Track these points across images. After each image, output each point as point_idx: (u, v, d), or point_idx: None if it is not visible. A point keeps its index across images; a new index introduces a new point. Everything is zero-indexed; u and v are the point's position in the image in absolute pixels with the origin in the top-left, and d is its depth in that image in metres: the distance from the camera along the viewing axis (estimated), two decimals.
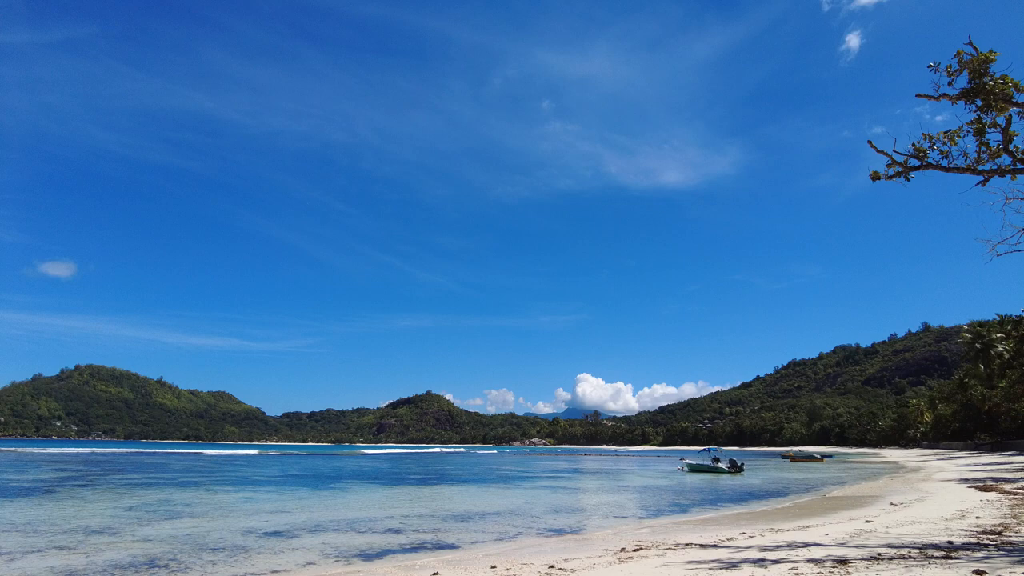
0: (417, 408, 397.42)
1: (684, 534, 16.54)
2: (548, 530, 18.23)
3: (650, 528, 18.64)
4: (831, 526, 16.58)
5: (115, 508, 22.68)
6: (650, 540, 15.22)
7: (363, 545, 15.13)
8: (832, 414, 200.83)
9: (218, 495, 29.31)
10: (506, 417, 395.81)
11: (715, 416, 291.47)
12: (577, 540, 16.15)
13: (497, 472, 56.19)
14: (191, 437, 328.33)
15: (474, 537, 16.71)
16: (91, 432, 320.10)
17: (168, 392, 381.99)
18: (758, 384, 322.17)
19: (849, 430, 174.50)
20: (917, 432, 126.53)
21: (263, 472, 51.47)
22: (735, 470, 54.49)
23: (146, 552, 13.81)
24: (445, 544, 15.53)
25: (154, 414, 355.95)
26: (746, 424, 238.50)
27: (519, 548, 14.88)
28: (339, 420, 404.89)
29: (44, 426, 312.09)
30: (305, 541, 15.61)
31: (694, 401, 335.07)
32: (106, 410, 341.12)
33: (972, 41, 13.72)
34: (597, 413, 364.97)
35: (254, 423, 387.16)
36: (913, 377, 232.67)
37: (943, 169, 15.26)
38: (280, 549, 14.44)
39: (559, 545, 15.26)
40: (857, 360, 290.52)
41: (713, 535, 15.75)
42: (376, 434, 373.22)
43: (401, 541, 15.83)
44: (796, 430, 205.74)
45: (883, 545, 12.14)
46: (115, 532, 16.69)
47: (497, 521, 20.10)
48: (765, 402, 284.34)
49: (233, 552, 13.93)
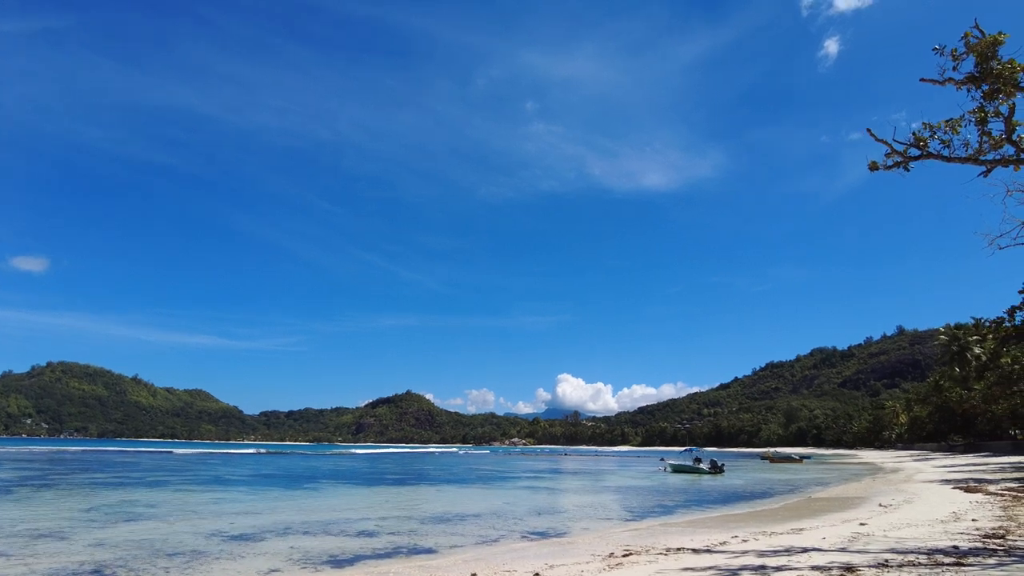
0: (397, 408, 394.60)
1: (673, 537, 15.80)
2: (531, 533, 17.38)
3: (637, 531, 17.87)
4: (825, 529, 15.94)
5: (71, 510, 21.41)
6: (639, 544, 14.44)
7: (333, 550, 14.15)
8: (809, 416, 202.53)
9: (186, 495, 28.08)
10: (486, 417, 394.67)
11: (693, 417, 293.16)
12: (562, 544, 15.32)
13: (477, 472, 55.26)
14: (166, 436, 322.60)
15: (453, 541, 15.79)
16: (63, 430, 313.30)
17: (143, 390, 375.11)
18: (736, 385, 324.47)
19: (826, 431, 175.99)
20: (892, 434, 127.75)
21: (236, 471, 50.02)
22: (716, 471, 54.14)
23: (94, 559, 12.71)
24: (422, 548, 14.61)
25: (129, 412, 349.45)
26: (724, 425, 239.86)
27: (501, 553, 14.02)
28: (318, 419, 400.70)
29: (13, 424, 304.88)
30: (271, 545, 14.60)
31: (673, 402, 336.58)
32: (79, 408, 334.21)
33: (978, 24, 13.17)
34: (577, 413, 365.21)
35: (231, 422, 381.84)
36: (888, 380, 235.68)
37: (944, 159, 14.62)
38: (242, 554, 13.41)
39: (543, 550, 14.42)
40: (833, 363, 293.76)
41: (704, 539, 15.02)
42: (355, 434, 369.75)
43: (375, 545, 14.88)
44: (773, 431, 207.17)
45: (887, 550, 11.46)
46: (65, 537, 15.52)
47: (477, 523, 19.20)
48: (743, 403, 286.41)
49: (190, 558, 12.88)
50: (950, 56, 13.47)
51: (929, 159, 14.87)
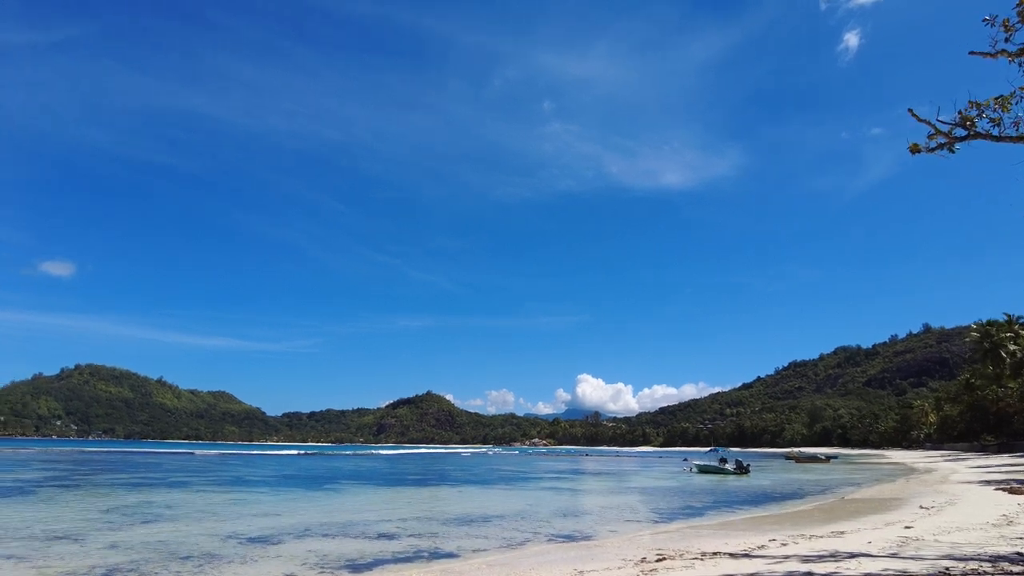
0: (417, 408, 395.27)
1: (706, 541, 15.06)
2: (557, 536, 16.71)
3: (667, 534, 17.13)
4: (868, 532, 15.08)
5: (90, 511, 21.16)
6: (672, 548, 13.73)
7: (352, 553, 13.61)
8: (833, 415, 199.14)
9: (206, 496, 27.81)
10: (506, 418, 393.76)
11: (716, 417, 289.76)
12: (590, 547, 14.64)
13: (499, 473, 54.67)
14: (191, 437, 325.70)
15: (476, 544, 15.18)
16: (91, 432, 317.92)
17: (168, 392, 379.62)
18: (759, 385, 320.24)
19: (851, 431, 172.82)
20: (921, 433, 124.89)
21: (257, 472, 49.94)
22: (741, 471, 53.04)
23: (106, 562, 12.30)
24: (443, 552, 14.02)
25: (154, 414, 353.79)
26: (747, 425, 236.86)
27: (526, 557, 13.38)
28: (339, 420, 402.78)
29: (44, 425, 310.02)
30: (288, 548, 14.10)
31: (695, 402, 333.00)
32: (106, 409, 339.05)
33: None
34: (597, 414, 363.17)
35: (254, 423, 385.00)
36: (914, 378, 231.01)
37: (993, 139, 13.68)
38: (257, 557, 12.92)
39: (570, 553, 13.76)
40: (858, 361, 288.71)
41: (740, 542, 14.26)
42: (376, 434, 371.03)
43: (395, 548, 14.32)
44: (797, 431, 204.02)
45: (943, 557, 10.66)
46: (80, 539, 15.17)
47: (501, 525, 18.57)
48: (766, 403, 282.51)
49: (204, 561, 12.42)
50: (1002, 27, 12.62)
51: (976, 139, 13.95)
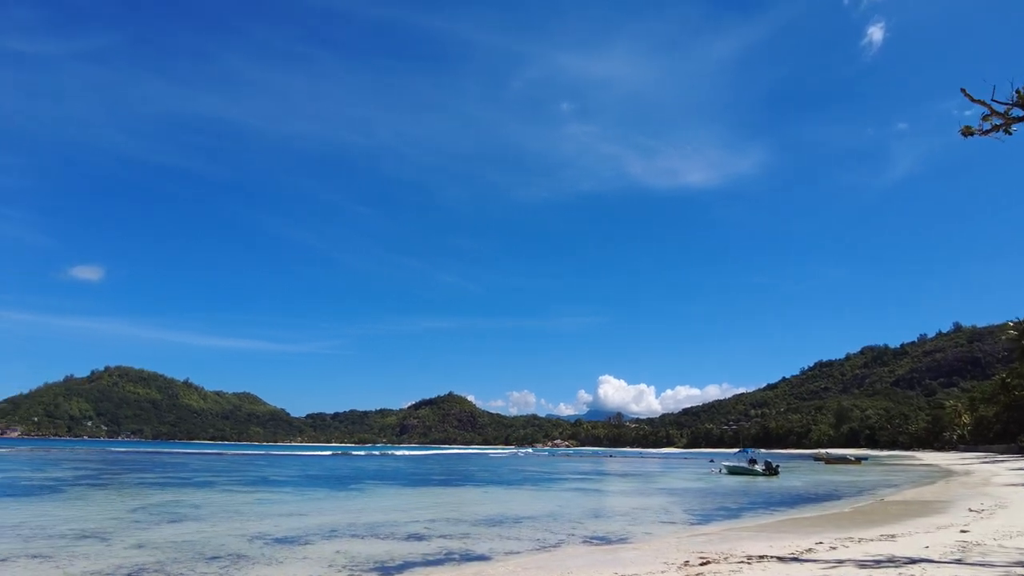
0: (439, 409, 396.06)
1: (747, 543, 14.40)
2: (591, 538, 16.14)
3: (706, 536, 16.48)
4: (922, 536, 14.30)
5: (117, 510, 21.05)
6: (713, 551, 13.10)
7: (381, 555, 13.18)
8: (860, 416, 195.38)
9: (231, 496, 27.67)
10: (528, 419, 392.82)
11: (740, 418, 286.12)
12: (628, 550, 14.05)
13: (523, 473, 54.14)
14: (216, 438, 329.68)
15: (508, 546, 14.67)
16: (120, 432, 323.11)
17: (194, 393, 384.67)
18: (784, 386, 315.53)
19: (880, 432, 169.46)
20: (953, 435, 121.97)
21: (282, 472, 49.97)
22: (770, 472, 52.08)
23: (132, 562, 12.00)
24: (475, 555, 13.53)
25: (181, 415, 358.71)
26: (772, 426, 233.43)
27: (561, 559, 12.84)
28: (362, 421, 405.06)
29: (76, 426, 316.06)
30: (316, 549, 13.71)
31: (718, 403, 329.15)
32: (134, 411, 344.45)
33: None
34: (620, 415, 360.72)
35: (279, 424, 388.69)
36: (945, 378, 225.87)
37: None
38: (284, 558, 12.55)
39: (607, 556, 13.19)
40: (885, 361, 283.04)
41: (786, 545, 13.59)
42: (399, 435, 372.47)
43: (425, 550, 13.86)
44: (824, 432, 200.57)
45: (1014, 563, 9.94)
46: (107, 537, 14.94)
47: (532, 527, 18.04)
48: (791, 404, 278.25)
49: (231, 562, 12.07)
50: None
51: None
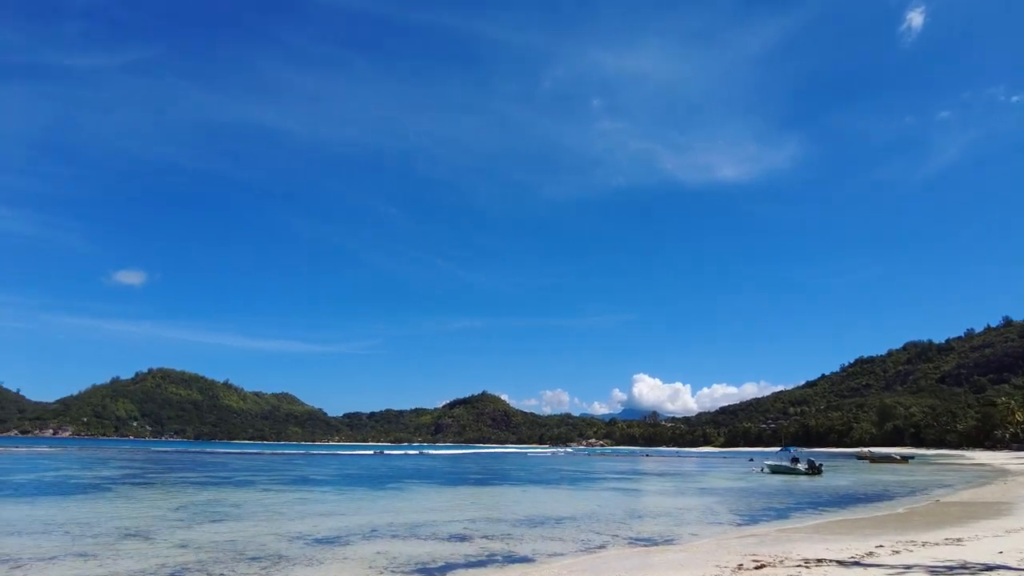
0: (473, 408, 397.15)
1: (801, 545, 13.79)
2: (637, 539, 15.65)
3: (756, 537, 15.87)
4: (991, 540, 13.52)
5: (160, 508, 21.27)
6: (767, 553, 12.54)
7: (423, 556, 12.92)
8: (904, 413, 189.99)
9: (271, 495, 27.81)
10: (562, 418, 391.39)
11: (779, 416, 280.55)
12: (676, 552, 13.56)
13: (560, 473, 53.68)
14: (256, 437, 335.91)
15: (551, 547, 14.28)
16: (164, 432, 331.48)
17: (234, 394, 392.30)
18: (823, 383, 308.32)
19: (925, 430, 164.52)
20: (1006, 433, 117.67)
21: (320, 471, 50.38)
22: (814, 471, 50.93)
23: (175, 560, 11.95)
24: (518, 556, 13.17)
25: (221, 415, 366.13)
26: (812, 424, 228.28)
27: (607, 561, 12.42)
28: (398, 420, 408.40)
29: (122, 426, 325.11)
30: (357, 550, 13.52)
31: (756, 401, 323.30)
32: (177, 411, 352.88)
33: None
34: (655, 414, 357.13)
35: (316, 423, 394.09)
36: (995, 375, 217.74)
37: None
38: (325, 559, 12.36)
39: (655, 558, 12.72)
40: (930, 357, 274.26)
41: (843, 548, 12.95)
42: (434, 434, 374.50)
43: (467, 551, 13.56)
44: (866, 430, 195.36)
45: None
46: (150, 536, 15.00)
47: (575, 527, 17.62)
48: (831, 401, 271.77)
49: (271, 563, 11.93)
50: None
51: None
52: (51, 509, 20.96)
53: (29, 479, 35.83)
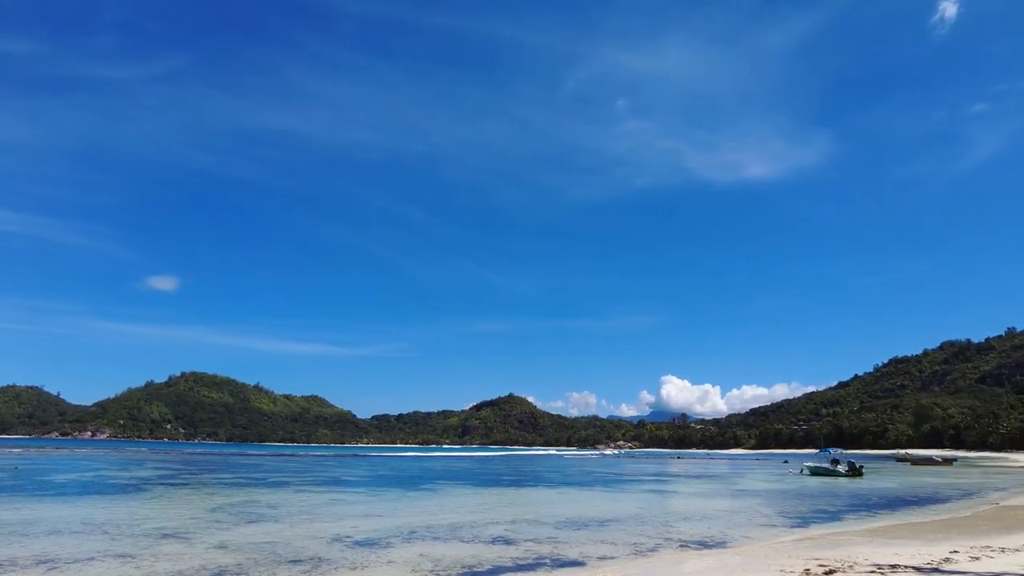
0: (500, 410, 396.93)
1: (864, 549, 13.00)
2: (688, 542, 14.96)
3: (812, 540, 15.08)
4: None
5: (197, 509, 21.09)
6: (831, 557, 11.80)
7: (468, 559, 12.42)
8: (942, 415, 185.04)
9: (306, 496, 27.61)
10: (589, 419, 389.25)
11: (811, 417, 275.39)
12: (731, 555, 12.86)
13: (593, 475, 52.90)
14: (286, 440, 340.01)
15: (601, 550, 13.66)
16: (197, 435, 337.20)
17: (264, 397, 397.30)
18: (856, 383, 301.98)
19: (966, 432, 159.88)
20: None
21: (352, 472, 50.31)
22: (854, 473, 49.56)
23: (214, 562, 11.61)
24: (567, 560, 12.58)
25: (252, 418, 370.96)
26: (846, 425, 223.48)
27: (664, 566, 11.77)
28: (425, 422, 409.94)
29: (156, 428, 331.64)
30: (398, 553, 13.05)
31: (787, 402, 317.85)
32: (209, 414, 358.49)
33: None
34: (685, 416, 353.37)
35: (346, 426, 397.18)
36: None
37: None
38: (369, 563, 11.90)
39: (711, 562, 12.04)
40: (968, 356, 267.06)
41: (914, 553, 12.15)
42: (461, 436, 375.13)
43: (513, 554, 13.02)
44: (902, 432, 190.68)
45: None
46: (188, 538, 14.72)
47: (621, 529, 16.96)
48: (864, 402, 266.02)
49: (312, 566, 11.51)
50: None
51: None
52: (90, 509, 20.93)
53: (70, 479, 36.32)
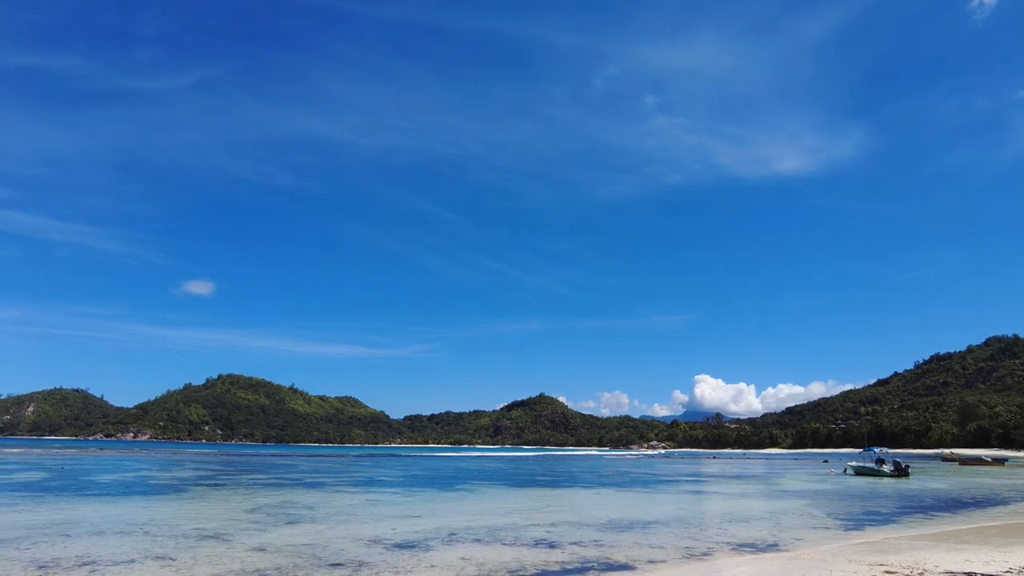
0: (531, 410, 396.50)
1: (930, 554, 12.26)
2: (740, 545, 14.34)
3: (868, 544, 14.35)
4: None
5: (236, 510, 21.07)
6: (896, 563, 11.11)
7: (512, 563, 12.00)
8: (989, 413, 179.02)
9: (343, 497, 27.53)
10: (621, 419, 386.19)
11: (849, 416, 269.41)
12: (788, 560, 12.21)
13: (629, 475, 52.16)
14: (321, 440, 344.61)
15: (649, 554, 13.13)
16: (234, 436, 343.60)
17: (299, 398, 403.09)
18: (896, 381, 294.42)
19: (1015, 431, 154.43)
20: None
21: (387, 473, 50.36)
22: (900, 473, 48.03)
23: (253, 566, 11.38)
24: (616, 564, 12.08)
25: (287, 419, 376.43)
26: (885, 424, 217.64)
27: (719, 571, 11.20)
28: (457, 422, 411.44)
29: (195, 430, 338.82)
30: (440, 556, 12.70)
31: (824, 401, 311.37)
32: (245, 416, 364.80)
33: None
34: (719, 415, 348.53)
35: (379, 426, 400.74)
36: None
37: None
38: (411, 566, 11.56)
39: (768, 566, 11.43)
40: (1016, 352, 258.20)
41: (987, 560, 11.39)
42: (493, 436, 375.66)
43: (558, 558, 12.56)
44: (946, 431, 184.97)
45: None
46: (228, 539, 14.58)
47: (667, 532, 16.39)
48: (905, 400, 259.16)
49: (353, 569, 11.20)
50: None
51: None
52: (132, 509, 21.08)
53: (113, 479, 36.95)
